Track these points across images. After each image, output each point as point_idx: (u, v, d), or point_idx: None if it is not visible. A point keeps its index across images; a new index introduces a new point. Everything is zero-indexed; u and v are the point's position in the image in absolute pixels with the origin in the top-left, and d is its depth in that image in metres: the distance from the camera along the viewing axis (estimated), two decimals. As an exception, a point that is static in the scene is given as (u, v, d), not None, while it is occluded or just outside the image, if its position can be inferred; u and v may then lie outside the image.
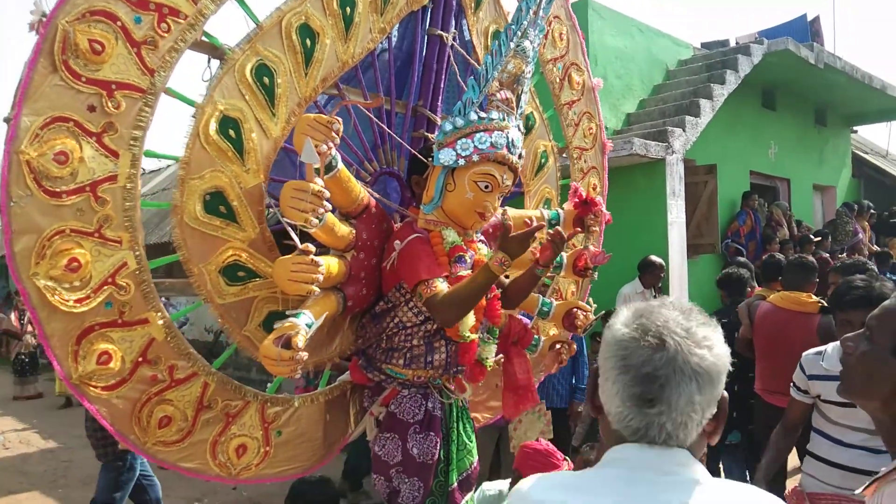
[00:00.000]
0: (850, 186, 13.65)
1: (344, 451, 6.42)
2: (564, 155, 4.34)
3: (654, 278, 6.97)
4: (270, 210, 2.79)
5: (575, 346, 4.07)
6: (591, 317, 3.66)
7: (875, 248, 11.38)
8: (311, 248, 2.49)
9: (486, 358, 3.19)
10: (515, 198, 4.12)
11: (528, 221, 3.13)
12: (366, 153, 3.33)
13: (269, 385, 3.11)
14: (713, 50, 10.66)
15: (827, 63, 9.93)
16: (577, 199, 3.65)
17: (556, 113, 4.20)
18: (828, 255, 9.91)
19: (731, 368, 1.27)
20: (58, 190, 2.20)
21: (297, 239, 2.47)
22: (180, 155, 2.55)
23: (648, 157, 7.58)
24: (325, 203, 2.50)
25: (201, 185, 2.56)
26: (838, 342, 3.07)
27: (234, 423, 2.77)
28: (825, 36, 12.50)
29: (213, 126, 2.55)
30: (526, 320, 3.64)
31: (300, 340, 2.39)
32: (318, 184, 2.48)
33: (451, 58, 3.59)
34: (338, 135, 2.57)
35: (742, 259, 6.87)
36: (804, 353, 3.35)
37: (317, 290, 2.51)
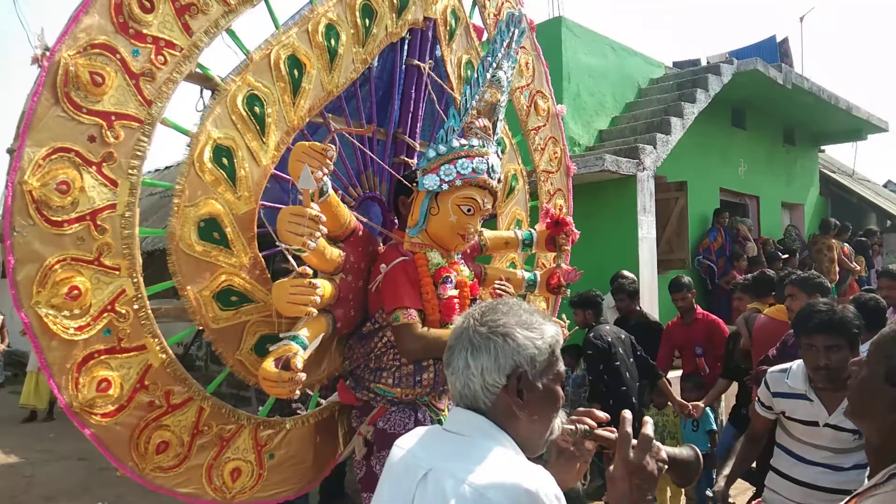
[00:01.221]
0: (818, 204, 13.95)
1: None
2: (532, 178, 4.52)
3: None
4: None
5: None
6: (566, 332, 3.77)
7: (856, 265, 11.54)
8: (309, 270, 2.58)
9: None
10: (489, 220, 4.20)
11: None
12: (350, 179, 3.43)
13: (260, 408, 3.15)
14: (685, 69, 10.88)
15: (795, 83, 10.18)
16: (549, 220, 3.84)
17: (524, 138, 4.39)
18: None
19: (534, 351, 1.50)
20: (59, 219, 2.26)
21: (293, 262, 2.54)
22: (174, 184, 2.62)
23: (619, 173, 7.72)
24: (321, 227, 2.58)
25: (196, 212, 2.63)
26: (801, 361, 3.21)
27: (229, 447, 2.82)
28: (793, 57, 12.81)
29: (207, 154, 2.63)
30: None
31: (299, 361, 2.46)
32: (314, 209, 2.56)
33: (429, 86, 3.71)
34: (332, 161, 2.66)
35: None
36: (769, 371, 3.42)
37: (314, 311, 2.58)
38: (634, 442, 1.52)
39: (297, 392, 2.52)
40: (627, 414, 1.56)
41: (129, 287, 2.44)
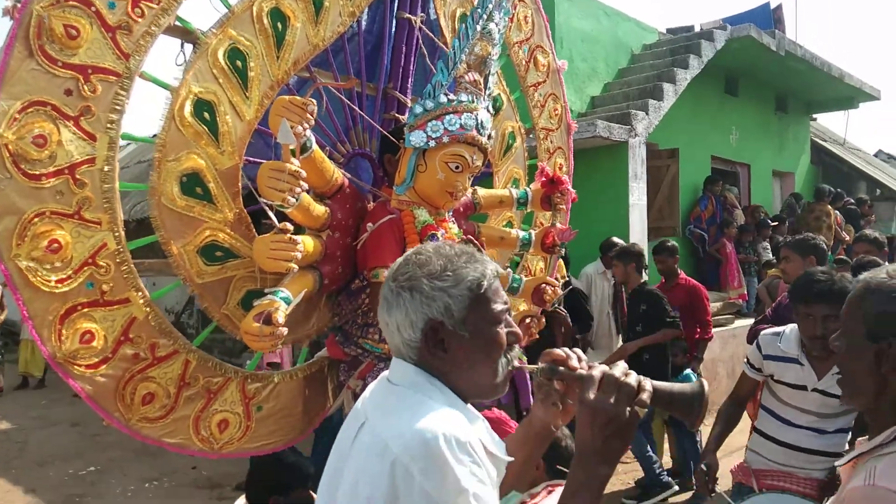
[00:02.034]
0: (809, 173, 13.86)
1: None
2: (531, 136, 4.40)
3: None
4: (244, 191, 2.83)
5: (544, 321, 4.15)
6: (559, 291, 3.74)
7: (845, 234, 11.50)
8: (290, 226, 2.54)
9: None
10: (485, 178, 4.14)
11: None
12: (338, 135, 3.37)
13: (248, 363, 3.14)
14: (678, 35, 10.73)
15: (788, 50, 10.04)
16: (544, 178, 3.73)
17: (523, 94, 4.26)
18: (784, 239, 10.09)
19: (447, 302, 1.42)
20: (37, 173, 2.22)
21: (274, 218, 2.51)
22: (155, 137, 2.58)
23: (611, 139, 7.66)
24: (302, 183, 2.54)
25: (178, 167, 2.58)
26: (795, 325, 3.18)
27: (216, 400, 2.81)
28: (787, 24, 12.63)
29: (187, 108, 2.57)
30: None
31: (280, 316, 2.44)
32: (294, 164, 2.52)
33: (420, 40, 3.63)
34: (312, 116, 2.61)
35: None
36: (762, 333, 3.40)
37: (295, 267, 2.56)
38: None
39: (279, 346, 2.49)
40: (622, 363, 1.45)
41: (110, 241, 2.40)
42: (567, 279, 5.56)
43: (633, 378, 1.37)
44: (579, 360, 1.52)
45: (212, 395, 2.79)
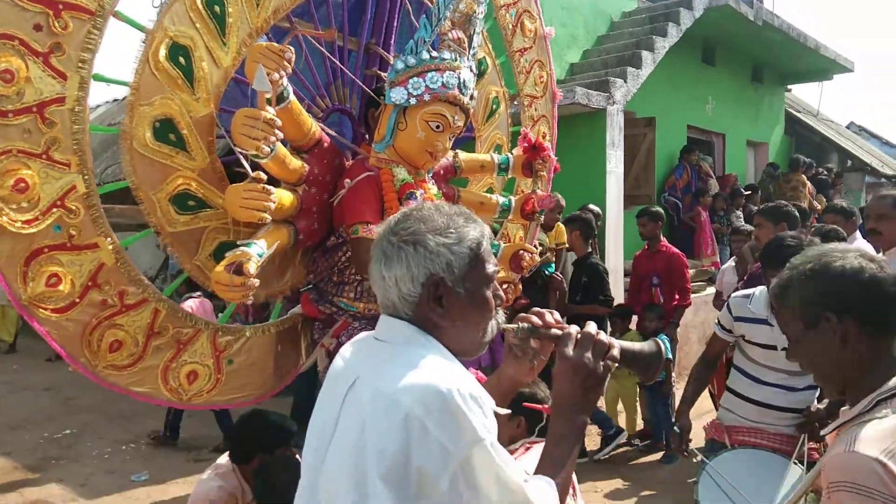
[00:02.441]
0: (783, 143, 13.95)
1: (290, 393, 6.38)
2: (516, 102, 4.32)
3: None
4: (221, 140, 2.76)
5: (521, 288, 4.14)
6: (537, 258, 3.71)
7: (817, 204, 11.59)
8: (263, 175, 2.48)
9: None
10: (467, 143, 4.11)
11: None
12: (318, 89, 3.28)
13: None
14: (657, 3, 10.62)
15: (765, 20, 10.02)
16: (525, 145, 3.67)
17: (508, 59, 4.17)
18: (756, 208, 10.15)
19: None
20: (4, 109, 2.14)
21: (248, 167, 2.45)
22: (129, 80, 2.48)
23: (590, 107, 7.60)
24: (277, 132, 2.47)
25: (151, 111, 2.50)
26: (765, 287, 3.22)
27: (186, 351, 2.76)
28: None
29: (162, 52, 2.48)
30: None
31: (252, 267, 2.39)
32: (269, 112, 2.45)
33: None
34: (290, 64, 2.53)
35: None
36: (733, 295, 3.47)
37: (268, 217, 2.50)
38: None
39: (251, 298, 2.45)
40: (591, 324, 1.52)
41: (79, 183, 2.32)
42: (542, 246, 5.53)
43: (604, 336, 1.48)
44: (555, 320, 1.57)
45: (181, 345, 2.74)
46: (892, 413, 1.49)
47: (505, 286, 3.92)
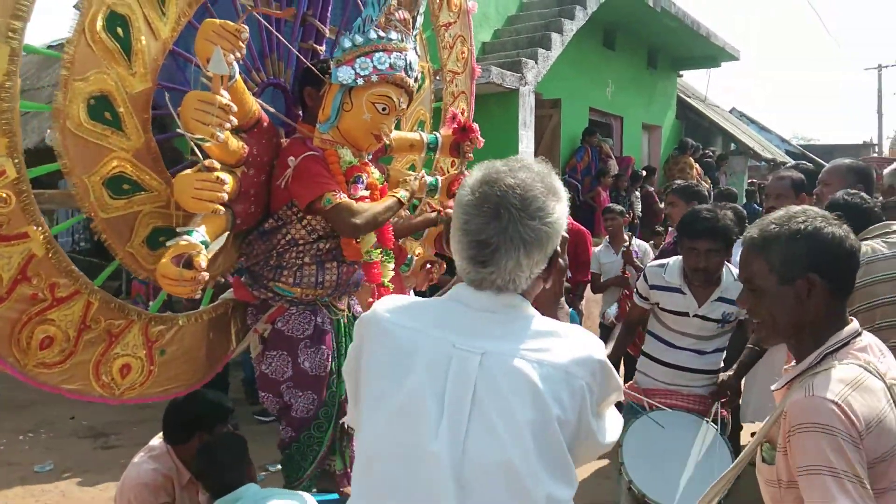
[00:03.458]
0: (674, 127, 14.47)
1: (239, 367, 6.12)
2: (438, 77, 4.21)
3: None
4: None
5: (445, 266, 4.10)
6: None
7: (704, 184, 12.00)
8: (217, 164, 2.30)
9: (386, 278, 3.13)
10: None
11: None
12: (253, 62, 3.05)
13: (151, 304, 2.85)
14: None
15: (664, 7, 10.28)
16: (455, 126, 3.60)
17: (434, 34, 4.05)
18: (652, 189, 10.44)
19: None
20: None
21: (200, 153, 2.26)
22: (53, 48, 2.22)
23: (504, 87, 7.59)
24: (231, 118, 2.30)
25: (86, 87, 2.24)
26: (679, 257, 3.43)
27: (118, 343, 2.54)
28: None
29: (99, 22, 2.22)
30: None
31: (203, 260, 2.24)
32: (224, 96, 2.27)
33: None
34: (244, 44, 2.34)
35: None
36: (648, 265, 3.71)
37: (221, 209, 2.32)
38: None
39: (199, 293, 2.28)
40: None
41: (9, 168, 2.05)
42: None
43: None
44: None
45: (113, 338, 2.52)
46: (838, 364, 1.63)
47: (430, 265, 3.93)
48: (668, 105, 14.01)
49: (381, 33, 2.76)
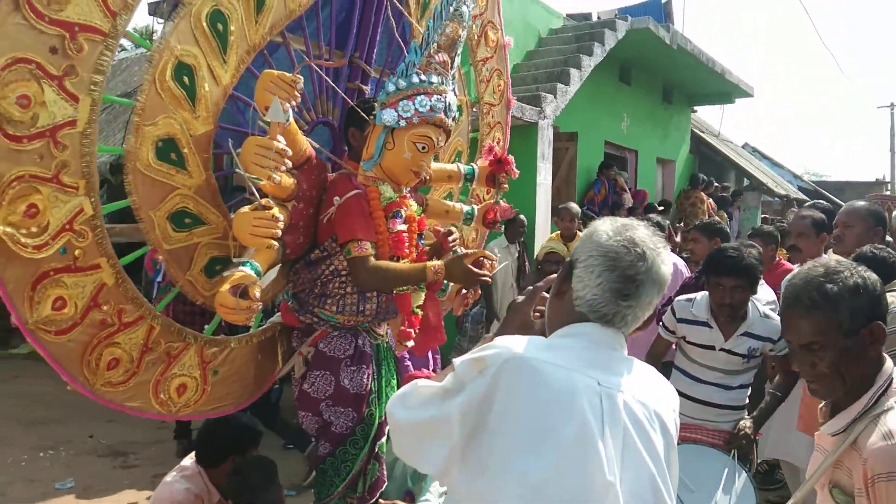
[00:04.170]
0: (688, 161, 14.40)
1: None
2: (474, 109, 4.29)
3: (516, 233, 7.17)
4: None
5: (480, 292, 4.11)
6: (496, 265, 3.68)
7: (717, 219, 11.95)
8: (272, 203, 2.42)
9: (416, 306, 3.20)
10: None
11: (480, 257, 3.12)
12: (305, 103, 3.18)
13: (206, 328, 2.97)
14: (580, 22, 10.79)
15: (679, 45, 10.30)
16: (492, 158, 3.66)
17: (472, 69, 4.15)
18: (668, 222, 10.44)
19: None
20: (18, 134, 1.99)
21: (257, 193, 2.39)
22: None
23: (523, 120, 7.66)
24: (286, 161, 2.42)
25: (155, 131, 2.38)
26: (706, 292, 3.44)
27: (175, 364, 2.66)
28: (675, 18, 12.92)
29: (168, 72, 2.37)
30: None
31: (257, 291, 2.34)
32: (281, 142, 2.39)
33: (388, 10, 3.48)
34: (299, 93, 2.47)
35: None
36: (677, 299, 3.65)
37: (276, 244, 2.43)
38: None
39: (252, 321, 2.39)
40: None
41: (87, 206, 2.19)
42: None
43: None
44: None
45: (171, 359, 2.64)
46: (895, 403, 1.67)
47: (465, 291, 3.91)
48: (682, 140, 13.94)
49: (423, 77, 2.85)
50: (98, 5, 2.11)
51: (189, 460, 3.25)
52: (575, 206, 6.69)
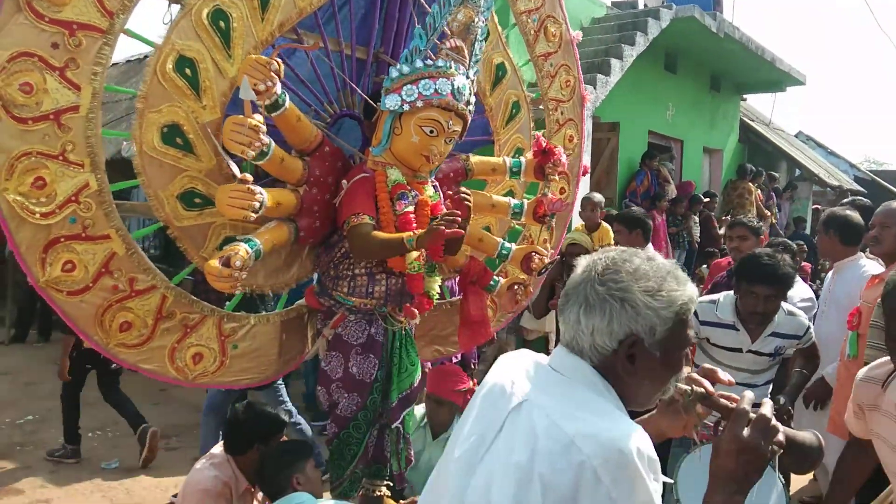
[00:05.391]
0: (736, 151, 13.77)
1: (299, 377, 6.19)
2: (540, 106, 4.20)
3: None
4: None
5: (531, 289, 4.06)
6: (546, 260, 3.65)
7: (767, 212, 11.55)
8: (249, 177, 2.58)
9: (430, 290, 3.22)
10: (486, 146, 4.08)
11: (457, 202, 3.11)
12: (326, 96, 3.31)
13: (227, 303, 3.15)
14: (624, 11, 10.45)
15: (727, 33, 9.87)
16: (535, 149, 3.62)
17: (532, 64, 4.09)
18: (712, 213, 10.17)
19: None
20: (24, 116, 2.25)
21: (235, 168, 2.55)
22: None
23: (561, 112, 7.56)
24: (262, 137, 2.56)
25: (159, 118, 2.59)
26: (731, 293, 3.34)
27: (192, 334, 2.85)
28: (724, 4, 12.46)
29: (169, 64, 2.57)
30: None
31: (237, 261, 2.49)
32: (255, 119, 2.54)
33: (415, 7, 3.49)
34: (277, 75, 2.60)
35: None
36: (699, 300, 3.50)
37: (253, 215, 2.58)
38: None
39: (238, 287, 2.56)
40: (749, 393, 1.40)
41: (92, 181, 2.43)
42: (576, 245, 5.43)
43: (774, 419, 1.37)
44: (728, 381, 1.51)
45: (188, 329, 2.84)
46: None
47: (516, 287, 3.93)
48: (730, 128, 13.27)
49: (429, 62, 2.88)
50: (95, 6, 2.34)
51: (218, 448, 3.44)
52: (597, 196, 6.40)
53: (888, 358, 2.39)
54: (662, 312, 1.31)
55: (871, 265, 4.09)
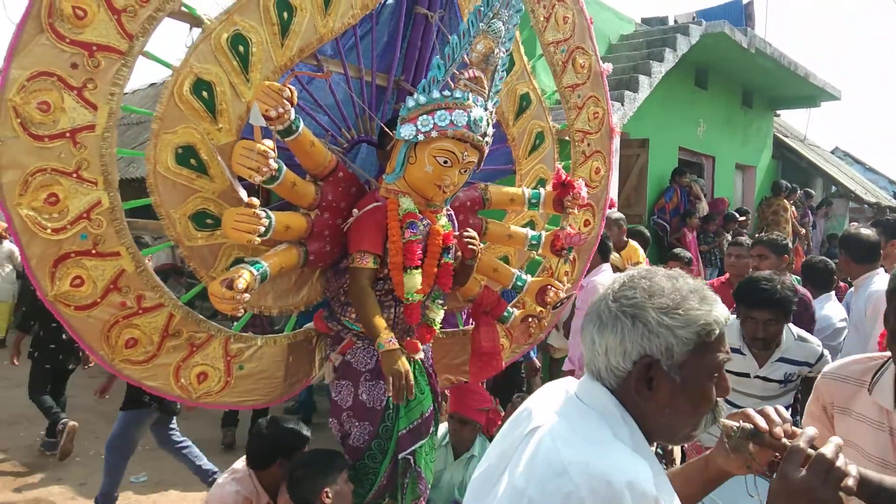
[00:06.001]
0: (770, 167, 13.62)
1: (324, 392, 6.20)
2: (567, 137, 4.20)
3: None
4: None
5: (546, 323, 4.05)
6: (561, 294, 3.67)
7: (802, 230, 11.41)
8: (255, 201, 2.65)
9: (434, 320, 3.25)
10: (508, 176, 4.11)
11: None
12: (345, 122, 3.38)
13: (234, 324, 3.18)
14: (654, 27, 10.42)
15: (758, 48, 9.79)
16: (555, 181, 3.62)
17: (559, 95, 4.10)
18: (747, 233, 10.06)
19: None
20: (41, 134, 2.34)
21: (242, 192, 2.63)
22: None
23: (588, 130, 7.57)
24: (271, 162, 2.63)
25: (174, 139, 2.67)
26: (734, 316, 3.30)
27: (198, 353, 2.91)
28: (757, 20, 12.37)
29: (186, 87, 2.66)
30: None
31: (240, 283, 2.55)
32: (264, 144, 2.61)
33: (437, 37, 3.58)
34: (289, 102, 2.67)
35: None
36: None
37: (257, 239, 2.65)
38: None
39: (241, 310, 2.63)
40: (810, 430, 1.26)
41: (105, 199, 2.51)
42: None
43: (842, 459, 1.21)
44: (782, 419, 1.36)
45: (195, 348, 2.90)
46: None
47: (530, 319, 3.90)
48: (763, 144, 13.11)
49: (446, 92, 2.91)
50: (115, 29, 2.44)
51: (240, 463, 3.46)
52: (615, 213, 6.35)
53: (866, 355, 2.17)
54: (679, 332, 1.25)
55: (880, 280, 4.00)
